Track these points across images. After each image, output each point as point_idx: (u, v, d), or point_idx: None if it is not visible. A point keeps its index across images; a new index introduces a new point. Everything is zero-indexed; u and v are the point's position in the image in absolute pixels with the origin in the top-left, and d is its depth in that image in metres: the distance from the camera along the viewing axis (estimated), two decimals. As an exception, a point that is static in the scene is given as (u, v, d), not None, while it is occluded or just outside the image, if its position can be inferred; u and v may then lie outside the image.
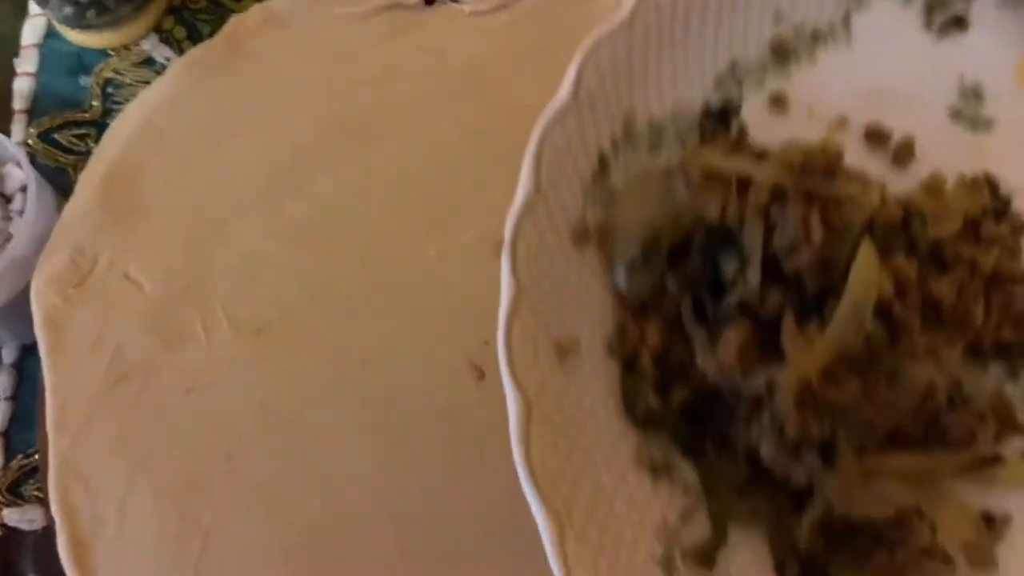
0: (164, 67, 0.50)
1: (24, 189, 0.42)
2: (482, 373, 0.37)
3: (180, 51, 0.50)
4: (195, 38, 0.51)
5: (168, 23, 0.51)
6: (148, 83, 0.49)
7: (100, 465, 0.36)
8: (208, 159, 0.41)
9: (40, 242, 0.40)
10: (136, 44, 0.51)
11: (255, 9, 0.43)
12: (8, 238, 0.42)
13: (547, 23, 0.42)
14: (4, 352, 0.45)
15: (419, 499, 0.35)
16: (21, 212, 0.42)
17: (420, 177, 0.40)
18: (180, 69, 0.42)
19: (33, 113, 0.49)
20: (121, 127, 0.41)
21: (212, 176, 0.41)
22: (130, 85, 0.50)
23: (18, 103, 0.49)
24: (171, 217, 0.40)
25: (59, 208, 0.43)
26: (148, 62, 0.50)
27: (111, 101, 0.50)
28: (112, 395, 0.37)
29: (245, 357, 0.37)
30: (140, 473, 0.36)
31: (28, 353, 0.45)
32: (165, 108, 0.41)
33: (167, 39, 0.51)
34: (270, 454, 0.36)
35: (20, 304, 0.41)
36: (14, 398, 0.44)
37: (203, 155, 0.41)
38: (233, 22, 0.43)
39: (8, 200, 0.43)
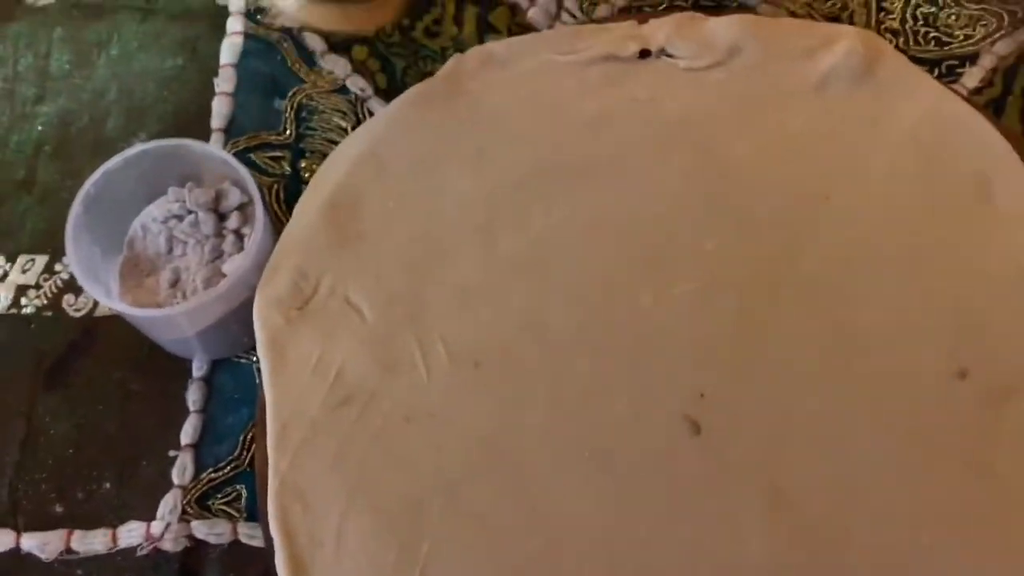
0: (357, 97, 0.51)
1: (241, 207, 0.43)
2: (697, 427, 0.37)
3: (373, 83, 0.52)
4: (388, 71, 0.52)
5: (361, 53, 0.53)
6: (341, 111, 0.51)
7: (319, 486, 0.36)
8: (427, 190, 0.42)
9: (259, 263, 0.41)
10: (331, 72, 0.52)
11: (475, 51, 0.44)
12: (219, 255, 0.43)
13: (759, 80, 0.43)
14: (195, 366, 0.46)
15: (637, 546, 0.35)
16: (236, 231, 0.43)
17: (634, 222, 0.41)
18: (402, 103, 0.43)
19: (230, 133, 0.51)
20: (344, 153, 0.42)
21: (431, 207, 0.41)
22: (323, 112, 0.51)
23: (216, 122, 0.51)
24: (391, 245, 0.41)
25: (271, 229, 0.43)
26: (342, 90, 0.52)
27: (305, 126, 0.51)
28: (332, 418, 0.37)
29: (463, 389, 0.38)
30: (359, 495, 0.36)
31: (218, 367, 0.46)
32: (387, 138, 0.42)
33: (361, 70, 0.52)
34: (489, 487, 0.36)
35: (225, 321, 0.42)
36: (204, 411, 0.45)
37: (423, 186, 0.42)
38: (454, 62, 0.44)
39: (223, 218, 0.44)
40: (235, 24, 0.53)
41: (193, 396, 0.45)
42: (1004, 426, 0.37)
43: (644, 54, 0.44)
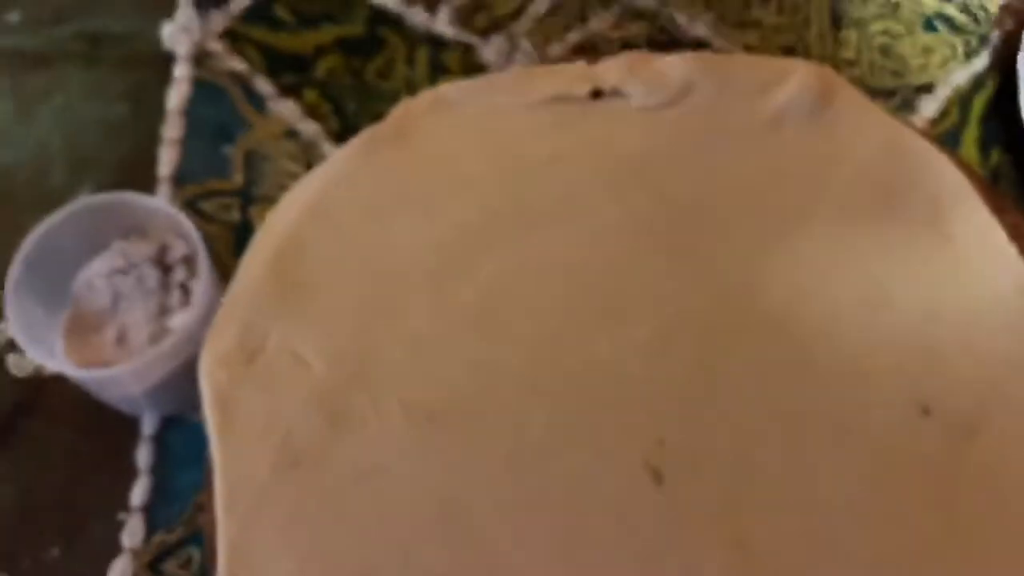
0: (310, 142, 0.50)
1: (186, 260, 0.42)
2: (660, 475, 0.36)
3: (325, 125, 0.51)
4: (340, 113, 0.51)
5: (311, 97, 0.52)
6: (292, 155, 0.50)
7: (270, 553, 0.35)
8: (376, 238, 0.40)
9: (205, 317, 0.40)
10: (281, 116, 0.51)
11: (425, 94, 0.43)
12: (164, 311, 0.42)
13: (712, 119, 0.43)
14: (145, 424, 0.44)
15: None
16: (182, 284, 0.42)
17: (587, 267, 0.40)
18: (350, 148, 0.42)
19: (178, 181, 0.50)
20: (291, 201, 0.41)
21: (379, 255, 0.40)
22: (274, 158, 0.50)
23: (163, 169, 0.50)
24: (339, 296, 0.39)
25: (219, 282, 0.42)
26: (292, 135, 0.51)
27: (255, 172, 0.50)
28: (283, 480, 0.36)
29: (418, 443, 0.37)
30: (312, 563, 0.35)
31: (169, 425, 0.45)
32: (335, 185, 0.41)
33: (312, 113, 0.51)
34: (446, 550, 0.35)
35: (172, 377, 0.41)
36: (154, 471, 0.44)
37: (371, 234, 0.41)
38: (404, 105, 0.43)
39: (167, 270, 0.43)
40: (182, 69, 0.52)
41: (143, 456, 0.44)
42: (968, 464, 0.36)
43: (596, 94, 0.43)
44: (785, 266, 0.39)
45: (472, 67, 0.51)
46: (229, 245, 0.47)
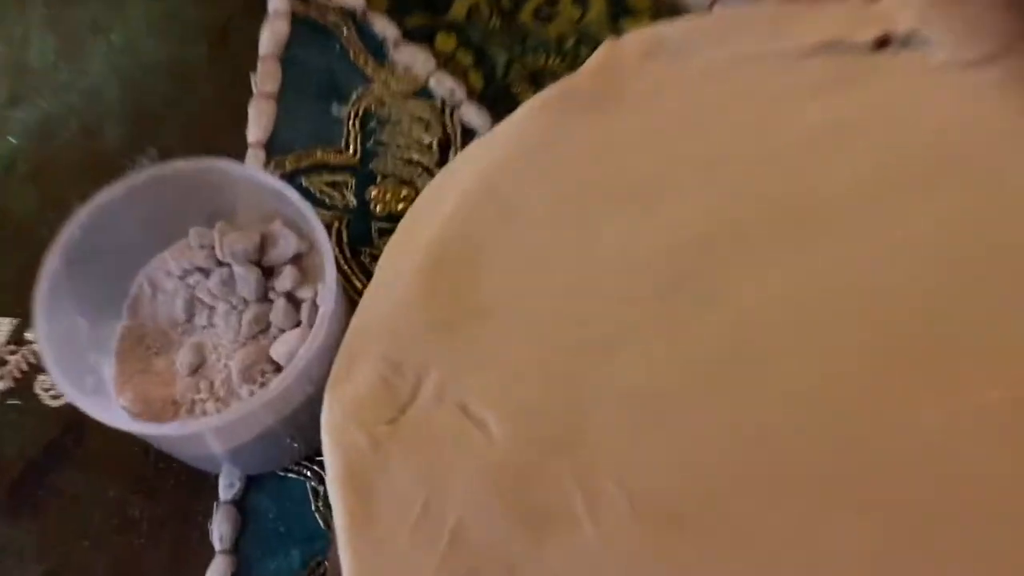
0: (445, 102, 0.38)
1: (297, 259, 0.30)
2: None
3: (466, 83, 0.38)
4: (486, 67, 0.39)
5: (447, 43, 0.39)
6: (423, 120, 0.37)
7: None
8: (577, 245, 0.29)
9: (329, 345, 0.28)
10: (408, 69, 0.39)
11: (637, 36, 0.31)
12: (264, 329, 0.29)
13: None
14: (222, 483, 0.32)
15: None
16: (288, 294, 0.30)
17: (897, 296, 0.28)
18: (532, 111, 0.30)
19: (272, 149, 0.38)
20: (450, 185, 0.29)
21: (583, 270, 0.28)
22: (398, 122, 0.38)
23: (253, 133, 0.38)
24: (525, 326, 0.28)
25: (343, 296, 0.30)
26: (423, 93, 0.39)
27: (374, 141, 0.38)
28: (452, 606, 0.24)
29: (654, 557, 0.24)
30: None
31: (255, 484, 0.32)
32: (513, 165, 0.29)
33: (448, 65, 0.39)
34: None
35: (272, 434, 0.29)
36: (235, 551, 0.31)
37: (569, 239, 0.29)
38: (606, 50, 0.31)
39: (269, 274, 0.30)
40: (279, 2, 0.39)
41: (220, 528, 0.32)
42: None
43: (883, 42, 0.30)
44: None
45: (666, 8, 0.38)
46: (340, 238, 0.35)
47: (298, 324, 0.30)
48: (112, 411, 0.30)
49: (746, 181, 0.30)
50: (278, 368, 0.29)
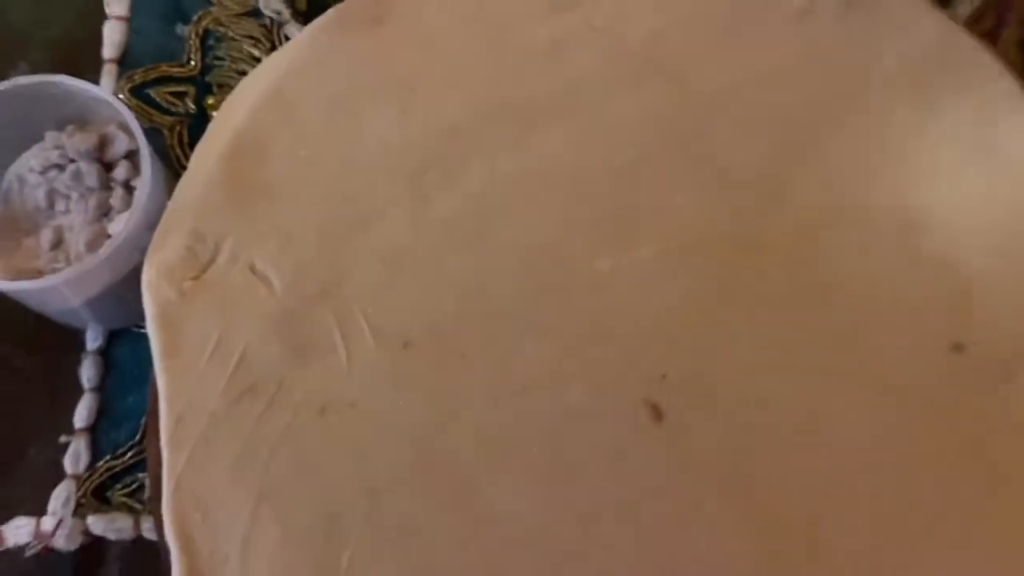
0: (273, 21, 0.44)
1: (129, 156, 0.37)
2: (659, 413, 0.32)
3: (291, 4, 0.45)
4: (310, -11, 0.45)
5: (278, -31, 0.45)
6: (254, 38, 0.44)
7: (221, 491, 0.31)
8: (346, 136, 0.35)
9: (150, 222, 0.35)
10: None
11: (404, -34, 0.37)
12: (107, 211, 0.37)
13: (736, 3, 0.37)
14: (89, 337, 0.40)
15: (587, 551, 0.31)
16: (124, 182, 0.37)
17: (591, 174, 0.35)
18: (315, 31, 0.37)
19: (124, 64, 0.44)
20: (249, 91, 0.36)
21: (350, 157, 0.35)
22: (232, 39, 0.44)
23: (108, 51, 0.44)
24: (303, 202, 0.35)
25: (166, 181, 0.37)
26: (254, 13, 0.45)
27: (212, 56, 0.44)
28: (235, 411, 0.32)
29: (390, 375, 0.33)
30: (267, 504, 0.31)
31: (115, 339, 0.40)
32: (298, 72, 0.36)
33: (277, -12, 0.45)
34: (419, 490, 0.31)
35: (116, 288, 0.36)
36: (100, 389, 0.39)
37: (340, 131, 0.36)
38: (377, -26, 0.37)
39: (109, 168, 0.37)
40: (128, -68, 0.45)
41: (87, 372, 0.40)
42: (1004, 409, 0.32)
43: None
44: (813, 176, 0.35)
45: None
46: (181, 139, 0.42)
47: (131, 207, 0.37)
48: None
49: (487, 85, 0.36)
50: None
